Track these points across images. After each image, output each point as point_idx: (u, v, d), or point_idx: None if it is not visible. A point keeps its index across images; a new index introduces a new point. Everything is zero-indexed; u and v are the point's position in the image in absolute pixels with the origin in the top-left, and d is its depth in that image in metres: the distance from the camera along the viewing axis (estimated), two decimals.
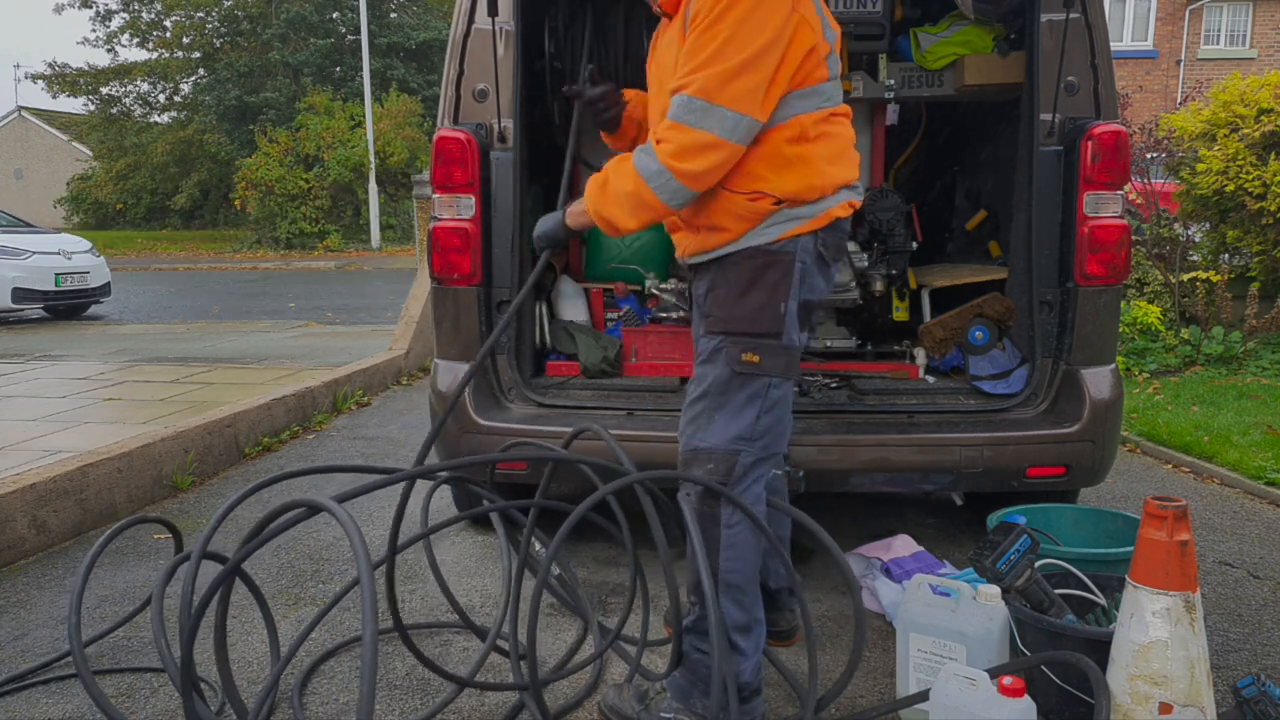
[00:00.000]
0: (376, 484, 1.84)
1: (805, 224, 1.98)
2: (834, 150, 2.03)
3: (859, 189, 2.12)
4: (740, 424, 1.99)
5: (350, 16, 25.87)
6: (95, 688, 2.01)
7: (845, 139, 2.08)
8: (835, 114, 2.03)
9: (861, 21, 3.32)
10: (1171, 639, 1.77)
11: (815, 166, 1.98)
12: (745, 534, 1.99)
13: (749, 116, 1.85)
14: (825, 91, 2.00)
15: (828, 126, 2.01)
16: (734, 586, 1.98)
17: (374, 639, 1.37)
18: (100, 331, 8.95)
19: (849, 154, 2.09)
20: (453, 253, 2.84)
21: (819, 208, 2.00)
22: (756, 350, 1.97)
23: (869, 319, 3.62)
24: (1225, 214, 6.68)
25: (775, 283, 1.98)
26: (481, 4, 2.88)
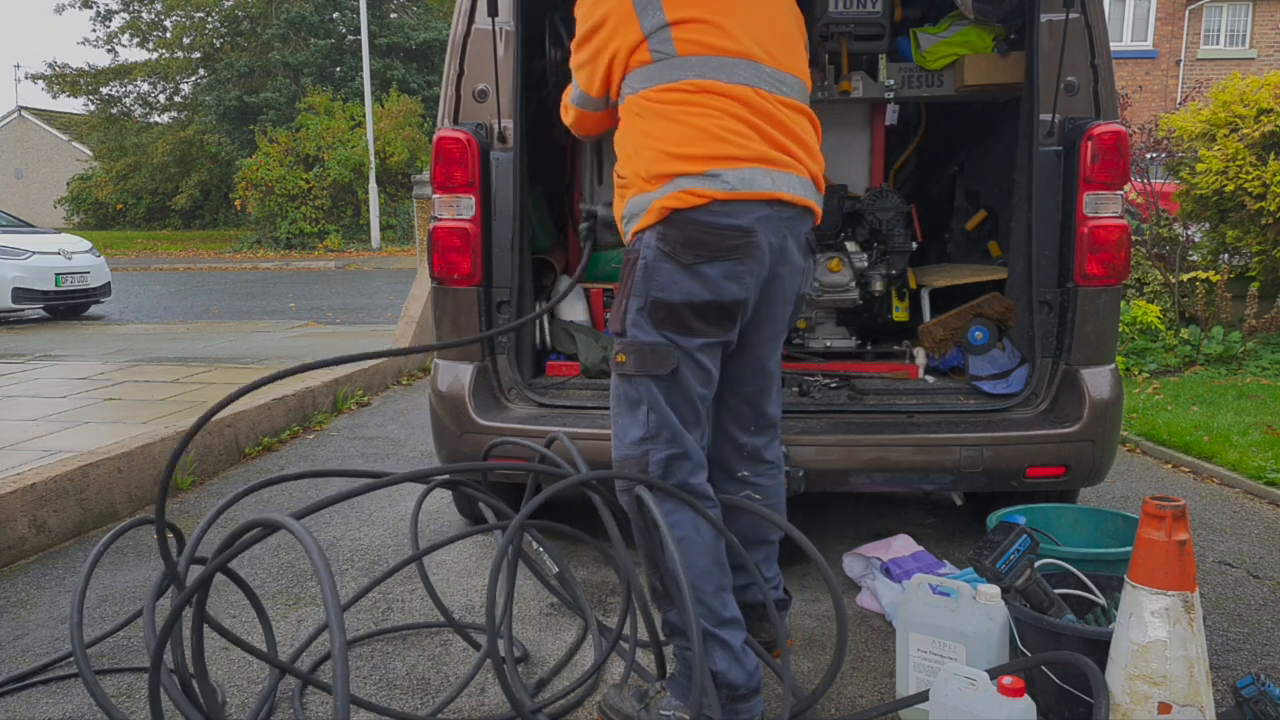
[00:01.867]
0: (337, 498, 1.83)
1: (641, 219, 1.99)
2: (659, 128, 1.98)
3: (729, 174, 1.94)
4: (635, 425, 2.02)
5: (350, 17, 25.87)
6: (97, 687, 2.01)
7: (682, 114, 1.97)
8: (669, 89, 1.98)
9: (861, 21, 3.32)
10: (1170, 639, 1.77)
11: (636, 145, 2.01)
12: (687, 533, 1.98)
13: (584, 91, 2.20)
14: (649, 74, 2.00)
15: (656, 102, 1.99)
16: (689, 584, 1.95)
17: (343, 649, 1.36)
18: (100, 331, 8.95)
19: (689, 130, 1.96)
20: (453, 253, 2.84)
21: (645, 200, 1.98)
22: (621, 349, 2.02)
23: (869, 319, 3.62)
24: (1225, 214, 6.68)
25: (625, 279, 2.02)
26: (481, 4, 2.88)
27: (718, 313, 1.98)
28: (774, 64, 2.06)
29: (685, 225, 1.94)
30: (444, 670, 2.41)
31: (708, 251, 1.94)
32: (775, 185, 1.99)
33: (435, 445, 3.02)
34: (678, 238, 1.94)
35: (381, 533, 3.44)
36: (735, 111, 1.98)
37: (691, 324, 1.97)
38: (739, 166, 1.95)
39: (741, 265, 1.96)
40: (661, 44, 1.99)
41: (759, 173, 1.97)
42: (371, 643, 2.56)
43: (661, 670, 2.18)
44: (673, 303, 1.95)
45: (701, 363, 2.02)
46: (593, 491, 2.10)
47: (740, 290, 1.98)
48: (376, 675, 2.38)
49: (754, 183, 1.96)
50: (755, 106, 2.00)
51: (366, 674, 2.39)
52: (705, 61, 1.98)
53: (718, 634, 1.98)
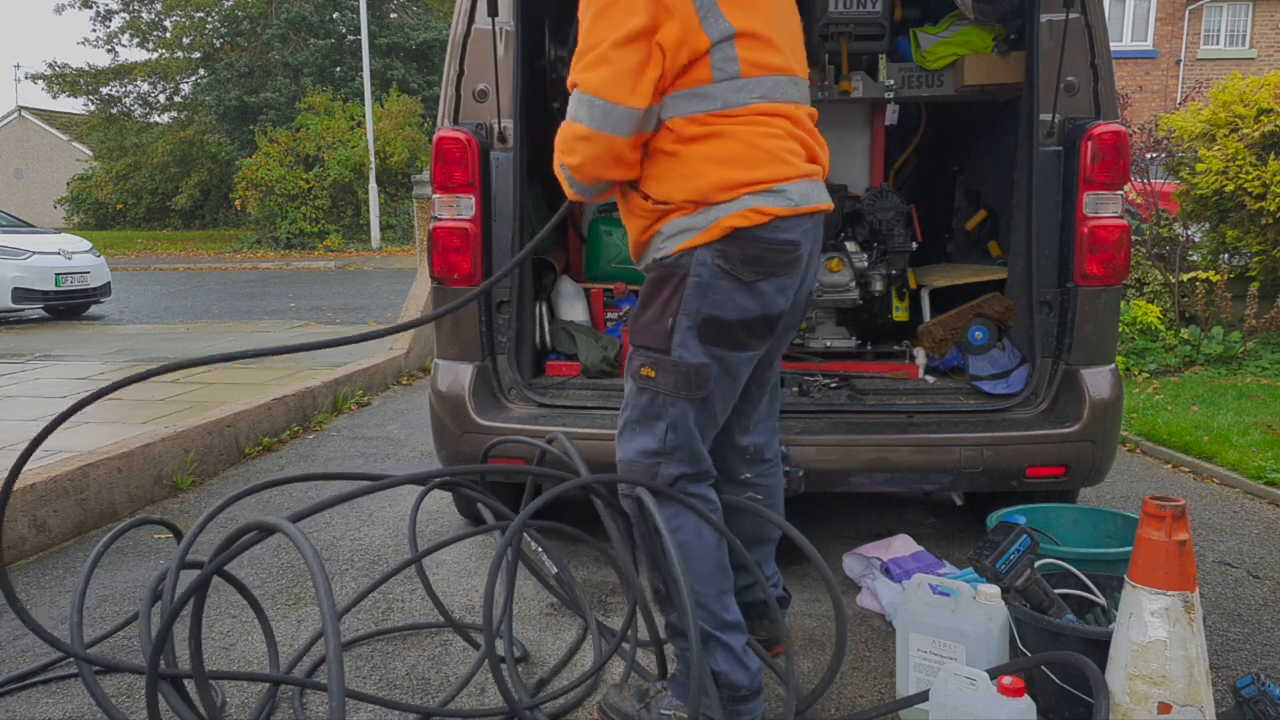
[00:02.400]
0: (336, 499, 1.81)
1: (696, 235, 1.91)
2: (728, 151, 1.90)
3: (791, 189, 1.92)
4: (650, 438, 2.00)
5: (350, 17, 25.86)
6: (97, 687, 2.01)
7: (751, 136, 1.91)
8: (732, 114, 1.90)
9: (861, 21, 3.32)
10: (1170, 639, 1.77)
11: (694, 169, 1.90)
12: (689, 538, 1.98)
13: (620, 104, 1.81)
14: (708, 94, 1.89)
15: (720, 125, 1.90)
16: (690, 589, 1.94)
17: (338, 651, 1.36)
18: (100, 331, 8.95)
19: (757, 152, 1.91)
20: (453, 253, 2.84)
21: (707, 217, 1.90)
22: (653, 365, 1.97)
23: (869, 319, 3.62)
24: (1225, 214, 6.68)
25: (667, 296, 1.95)
26: (481, 4, 2.88)
27: (765, 326, 1.98)
28: (799, 73, 2.05)
29: (748, 243, 1.90)
30: (444, 670, 2.41)
31: (766, 268, 1.92)
32: (819, 197, 2.01)
33: (435, 445, 3.02)
34: (739, 255, 1.90)
35: (381, 533, 3.44)
36: (790, 130, 1.97)
37: (742, 340, 1.97)
38: (798, 181, 1.95)
39: (790, 279, 1.97)
40: (726, 61, 1.88)
41: (809, 185, 1.98)
42: (371, 643, 2.56)
43: (663, 670, 2.18)
44: (728, 320, 1.93)
45: (738, 376, 2.03)
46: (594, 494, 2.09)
47: (785, 303, 1.99)
48: (376, 675, 2.38)
49: (808, 198, 1.96)
50: (799, 122, 2.00)
51: (366, 674, 2.39)
52: (764, 84, 1.93)
53: (719, 636, 1.98)
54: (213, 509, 1.91)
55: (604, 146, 1.86)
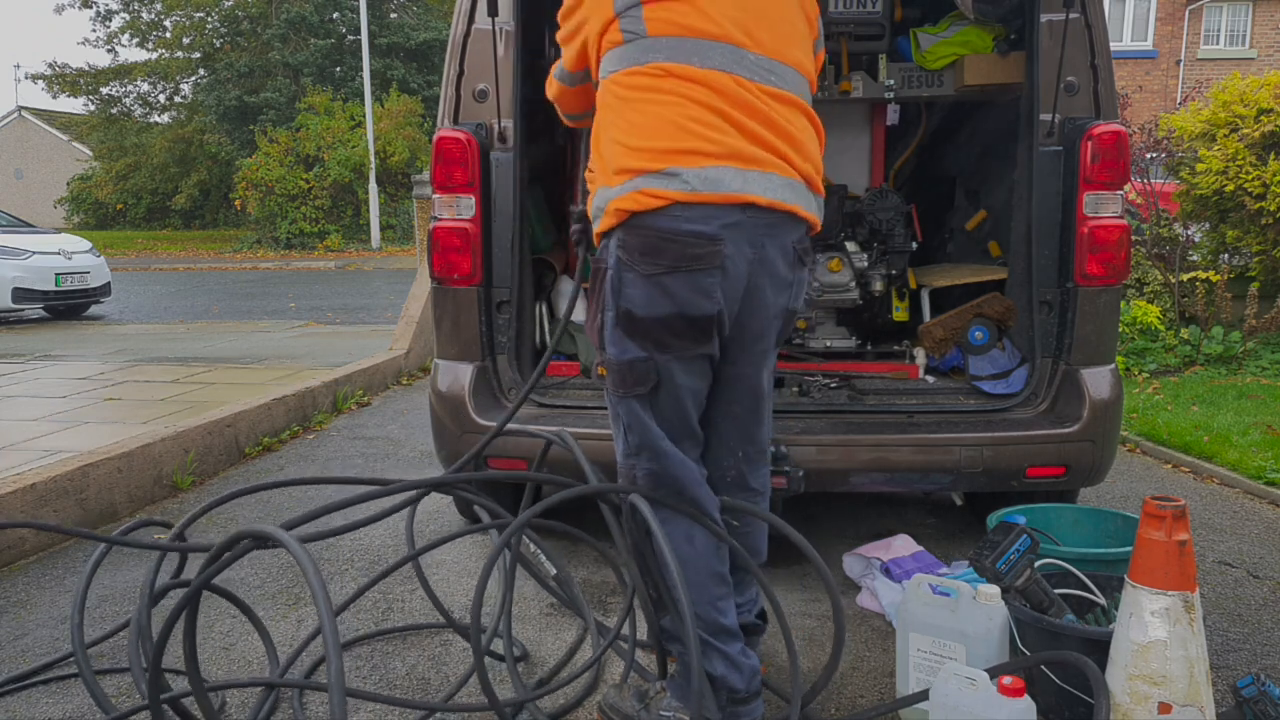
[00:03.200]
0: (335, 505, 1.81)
1: (602, 221, 1.84)
2: (626, 122, 1.80)
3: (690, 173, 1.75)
4: (620, 440, 1.96)
5: (350, 17, 25.85)
6: (97, 688, 2.01)
7: (654, 105, 1.79)
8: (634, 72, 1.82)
9: (861, 21, 3.32)
10: (1170, 639, 1.77)
11: (604, 143, 1.85)
12: (679, 544, 1.91)
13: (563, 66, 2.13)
14: (620, 55, 1.85)
15: (625, 88, 1.82)
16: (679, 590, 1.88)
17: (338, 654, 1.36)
18: (100, 331, 8.95)
19: (657, 125, 1.77)
20: (453, 253, 2.84)
21: (602, 197, 1.82)
22: (603, 363, 1.92)
23: (869, 319, 3.62)
24: (1225, 214, 6.68)
25: (596, 291, 1.89)
26: (481, 4, 2.88)
27: (687, 326, 1.82)
28: (760, 50, 1.86)
29: (643, 231, 1.77)
30: (444, 670, 2.41)
31: (668, 261, 1.76)
32: (746, 187, 1.79)
33: (435, 445, 3.02)
34: (635, 245, 1.78)
35: (381, 533, 3.44)
36: (705, 100, 1.79)
37: (663, 338, 1.83)
38: (704, 164, 1.76)
39: (709, 277, 1.78)
40: (632, 23, 1.83)
41: (729, 172, 1.78)
42: (371, 643, 2.56)
43: (663, 670, 2.17)
44: (640, 316, 1.80)
45: (680, 380, 1.88)
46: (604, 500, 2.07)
47: (710, 304, 1.81)
48: (376, 675, 2.38)
49: (721, 183, 1.77)
50: (731, 95, 1.80)
51: (366, 674, 2.39)
52: (676, 43, 1.80)
53: (713, 642, 1.94)
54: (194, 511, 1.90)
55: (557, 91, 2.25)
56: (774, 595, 2.12)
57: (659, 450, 1.92)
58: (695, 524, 1.95)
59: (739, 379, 2.00)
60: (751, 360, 1.98)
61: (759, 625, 2.19)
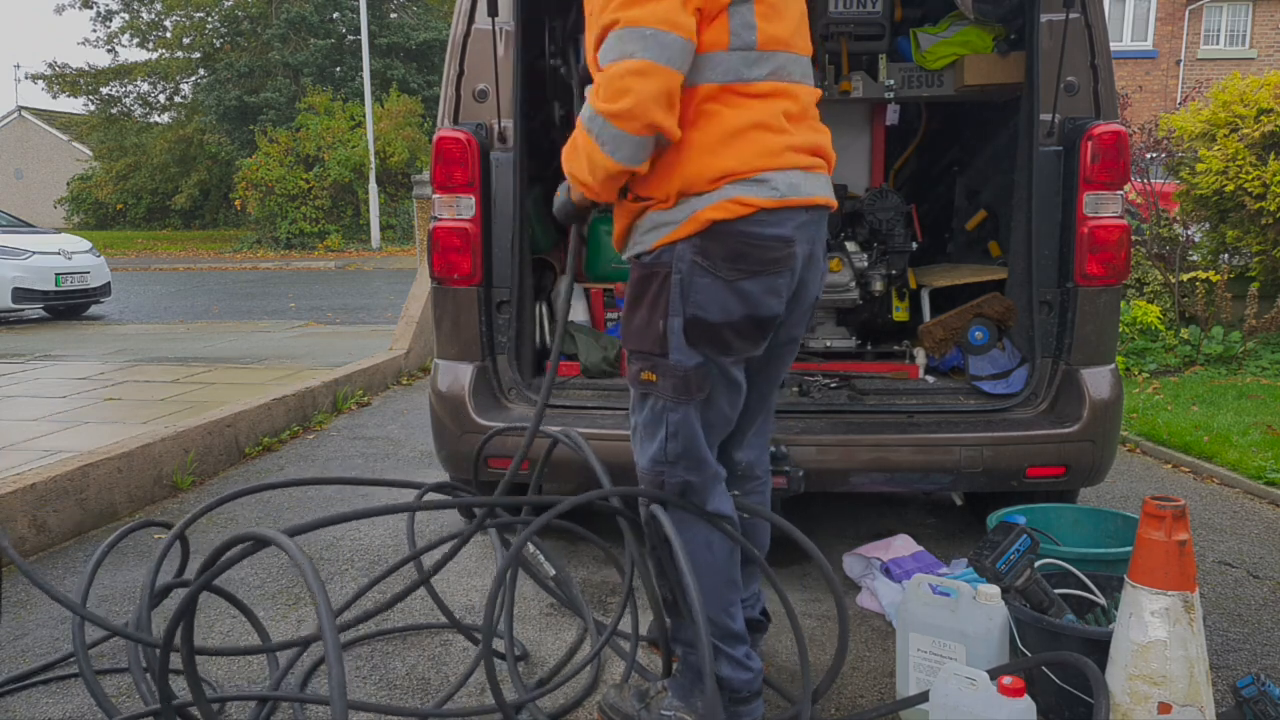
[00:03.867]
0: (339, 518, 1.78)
1: (673, 230, 1.79)
2: (717, 134, 1.75)
3: (777, 178, 1.77)
4: (654, 446, 1.92)
5: (350, 17, 25.85)
6: (98, 688, 2.01)
7: (748, 117, 1.75)
8: (740, 90, 1.76)
9: (861, 21, 3.32)
10: (1170, 639, 1.77)
11: (679, 159, 1.76)
12: (697, 551, 1.92)
13: (674, 33, 1.64)
14: (719, 62, 1.74)
15: (722, 103, 1.75)
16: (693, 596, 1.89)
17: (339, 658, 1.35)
18: (100, 331, 8.95)
19: (749, 135, 1.76)
20: (453, 253, 2.84)
21: (684, 210, 1.78)
22: (652, 369, 1.87)
23: (869, 319, 3.62)
24: (1225, 214, 6.68)
25: (654, 297, 1.83)
26: (481, 4, 2.88)
27: (754, 329, 1.85)
28: (805, 53, 1.89)
29: (729, 238, 1.76)
30: (444, 670, 2.41)
31: (750, 266, 1.78)
32: (814, 189, 1.85)
33: (435, 445, 3.02)
34: (719, 252, 1.77)
35: (381, 533, 3.44)
36: (784, 108, 1.80)
37: (730, 342, 1.84)
38: (787, 170, 1.78)
39: (781, 278, 1.83)
40: (744, 27, 1.74)
41: (802, 177, 1.82)
42: (371, 643, 2.56)
43: (666, 669, 2.17)
44: (711, 321, 1.80)
45: (735, 379, 1.92)
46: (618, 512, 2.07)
47: (778, 304, 1.85)
48: (376, 675, 2.38)
49: (799, 188, 1.80)
50: (803, 103, 1.85)
51: (367, 674, 2.39)
52: (777, 59, 1.78)
53: (722, 647, 1.95)
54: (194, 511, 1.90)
55: (662, 82, 1.66)
56: (786, 596, 2.13)
57: (699, 460, 1.92)
58: (714, 530, 1.95)
59: (764, 371, 2.04)
60: (782, 353, 2.05)
61: (762, 622, 2.21)
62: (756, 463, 2.17)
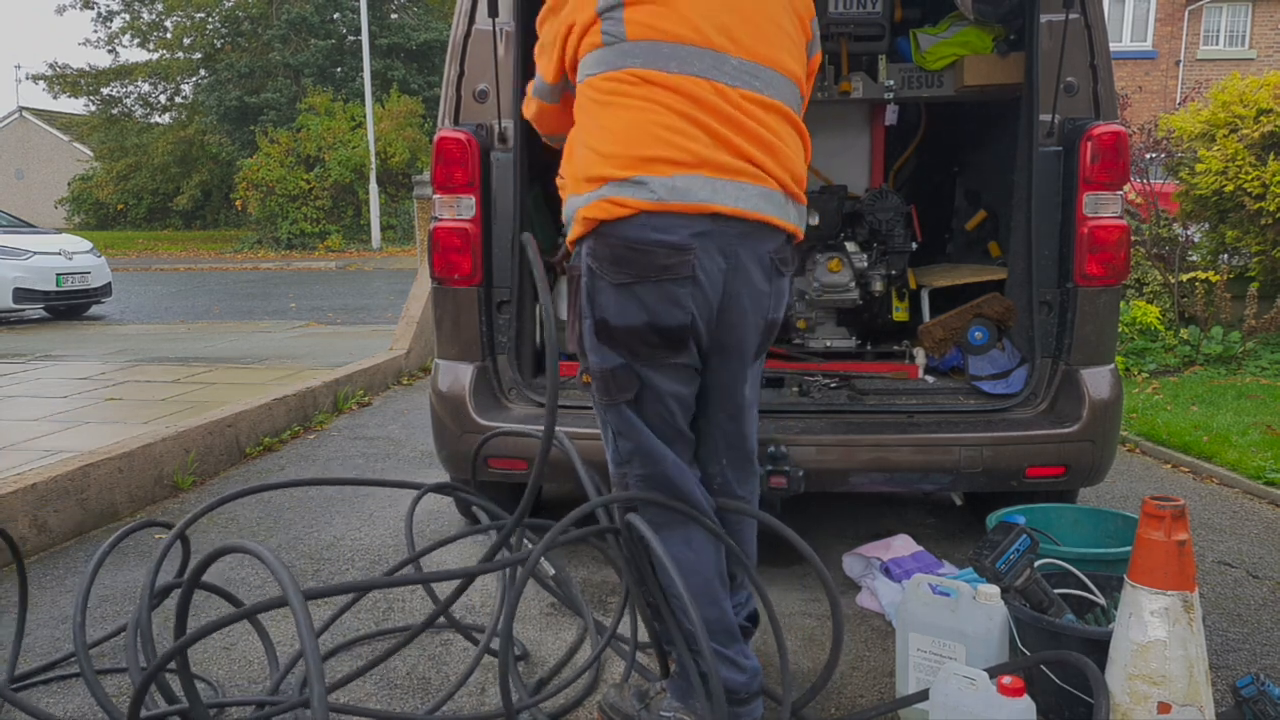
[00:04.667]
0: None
1: (572, 228, 1.80)
2: (598, 129, 1.77)
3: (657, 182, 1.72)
4: (611, 449, 1.93)
5: (351, 17, 25.86)
6: (98, 688, 2.01)
7: (627, 113, 1.75)
8: (611, 77, 1.79)
9: (861, 22, 3.32)
10: (1170, 638, 1.77)
11: (575, 148, 1.83)
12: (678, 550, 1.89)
13: (541, 78, 2.06)
14: (598, 58, 1.81)
15: (601, 92, 1.79)
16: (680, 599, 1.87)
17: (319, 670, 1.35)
18: (101, 331, 8.95)
19: (630, 132, 1.74)
20: (453, 253, 2.84)
21: (570, 206, 1.80)
22: (586, 371, 1.89)
23: (869, 319, 3.63)
24: (1224, 214, 6.68)
25: (573, 298, 1.85)
26: (481, 4, 2.88)
27: (660, 336, 1.78)
28: (741, 54, 1.81)
29: (611, 240, 1.75)
30: (444, 670, 2.41)
31: (636, 271, 1.73)
32: (715, 196, 1.75)
33: (435, 445, 3.02)
34: (605, 254, 1.76)
35: (381, 533, 3.44)
36: (679, 107, 1.75)
37: (637, 348, 1.80)
38: (672, 173, 1.73)
39: (680, 286, 1.75)
40: (613, 25, 1.79)
41: (697, 180, 1.74)
42: (372, 643, 2.57)
43: (664, 670, 2.18)
44: (614, 325, 1.78)
45: (661, 388, 1.85)
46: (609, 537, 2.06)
47: (681, 314, 1.77)
48: (377, 675, 2.38)
49: (689, 193, 1.73)
50: (706, 103, 1.76)
51: (367, 674, 2.39)
52: (653, 48, 1.76)
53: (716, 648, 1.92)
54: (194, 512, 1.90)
55: (535, 109, 2.20)
56: (766, 595, 2.11)
57: (652, 454, 1.89)
58: (692, 526, 1.93)
59: (718, 388, 1.97)
60: (730, 370, 1.95)
61: (748, 628, 2.17)
62: (736, 483, 2.06)
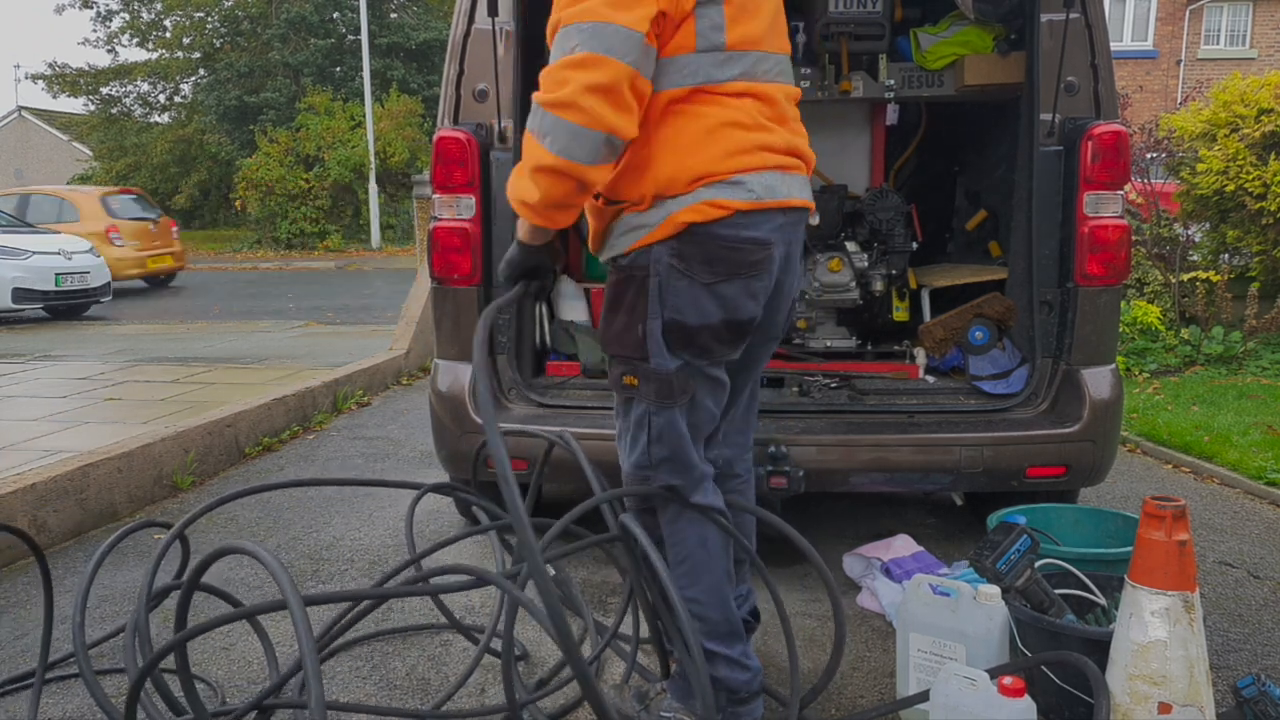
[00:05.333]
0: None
1: (649, 233, 1.77)
2: (689, 135, 1.73)
3: (752, 180, 1.74)
4: (637, 451, 1.90)
5: (350, 17, 25.85)
6: (98, 688, 2.01)
7: (720, 117, 1.73)
8: (710, 90, 1.73)
9: (861, 21, 3.32)
10: (1170, 639, 1.77)
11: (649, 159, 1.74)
12: (692, 551, 1.90)
13: (613, 23, 1.58)
14: (687, 65, 1.72)
15: (692, 104, 1.73)
16: (691, 600, 1.89)
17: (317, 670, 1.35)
18: (100, 331, 8.95)
19: (721, 136, 1.73)
20: (453, 253, 2.84)
21: (659, 213, 1.76)
22: (633, 373, 1.84)
23: (869, 319, 3.62)
24: (1225, 214, 6.68)
25: (632, 301, 1.82)
26: (481, 4, 2.88)
27: (732, 332, 1.83)
28: (781, 51, 1.87)
29: (705, 241, 1.75)
30: (444, 670, 2.41)
31: (727, 269, 1.76)
32: (790, 191, 1.82)
33: (435, 445, 3.02)
34: (696, 255, 1.75)
35: (381, 533, 3.44)
36: (764, 114, 1.78)
37: (708, 346, 1.83)
38: (762, 171, 1.76)
39: (758, 281, 1.81)
40: (712, 28, 1.71)
41: (776, 177, 1.79)
42: (371, 643, 2.56)
43: (665, 670, 2.17)
44: (690, 325, 1.79)
45: (718, 378, 1.90)
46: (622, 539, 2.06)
47: (755, 307, 1.84)
48: (377, 675, 2.38)
49: (775, 190, 1.78)
50: (776, 104, 1.82)
51: (367, 674, 2.39)
52: (748, 59, 1.75)
53: (718, 649, 1.93)
54: (194, 512, 1.90)
55: (603, 73, 1.59)
56: (778, 593, 2.12)
57: (686, 464, 1.89)
58: (707, 525, 1.93)
59: (750, 366, 2.03)
60: (765, 352, 2.05)
61: (751, 623, 2.18)
62: (735, 460, 2.13)
